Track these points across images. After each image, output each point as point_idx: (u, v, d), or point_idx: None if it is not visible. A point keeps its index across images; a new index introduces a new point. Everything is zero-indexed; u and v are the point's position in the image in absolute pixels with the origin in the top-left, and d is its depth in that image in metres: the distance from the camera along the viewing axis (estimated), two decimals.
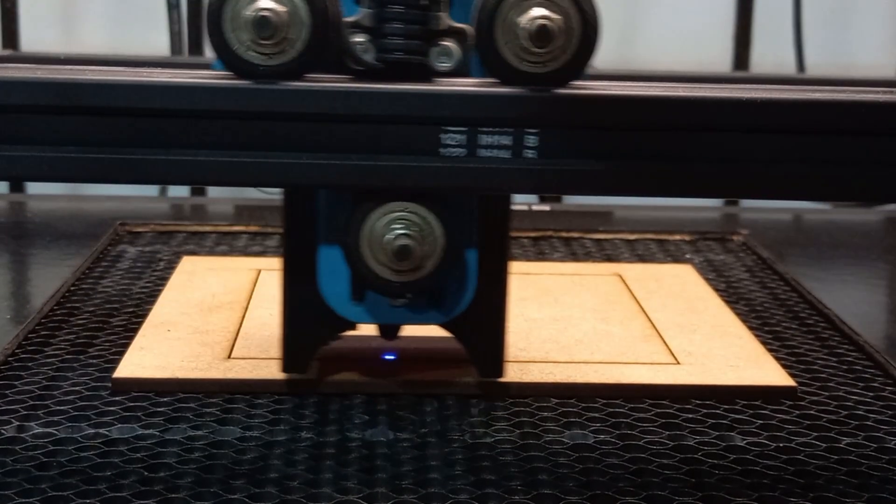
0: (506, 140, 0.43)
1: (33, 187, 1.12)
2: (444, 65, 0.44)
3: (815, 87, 0.46)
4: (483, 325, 0.51)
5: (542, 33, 0.42)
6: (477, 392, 0.52)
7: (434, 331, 0.52)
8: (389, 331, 0.52)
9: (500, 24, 0.43)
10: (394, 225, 0.46)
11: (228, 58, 0.43)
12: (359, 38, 0.44)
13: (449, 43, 0.44)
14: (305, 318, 0.51)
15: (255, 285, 0.65)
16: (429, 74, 0.44)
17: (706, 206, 1.10)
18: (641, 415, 0.50)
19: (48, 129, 0.42)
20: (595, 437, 0.48)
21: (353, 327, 0.51)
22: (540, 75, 0.43)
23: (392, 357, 0.54)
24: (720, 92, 0.44)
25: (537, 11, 0.42)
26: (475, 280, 0.50)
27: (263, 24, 0.42)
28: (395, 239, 0.46)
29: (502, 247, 0.50)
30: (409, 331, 0.52)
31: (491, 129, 0.43)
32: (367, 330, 0.53)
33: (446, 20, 0.44)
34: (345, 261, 0.47)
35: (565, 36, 0.42)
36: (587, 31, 0.43)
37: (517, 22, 0.43)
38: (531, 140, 0.43)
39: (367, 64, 0.44)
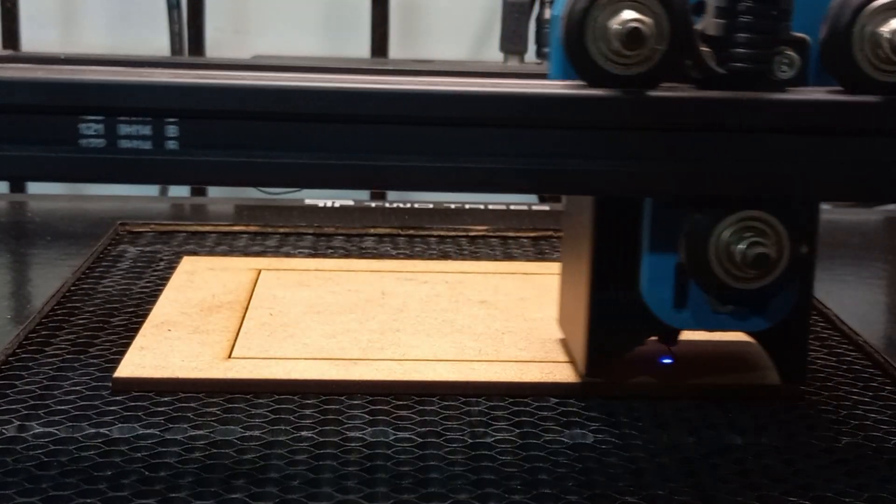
0: (145, 130, 0.43)
1: (34, 187, 1.12)
2: (785, 73, 0.45)
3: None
4: (793, 330, 0.51)
5: None
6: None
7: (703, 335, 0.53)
8: (670, 337, 0.52)
9: (857, 34, 0.44)
10: (745, 233, 0.46)
11: (588, 67, 0.43)
12: (703, 47, 0.44)
13: (790, 52, 0.45)
14: (620, 323, 0.51)
15: (255, 285, 0.65)
16: (770, 83, 0.45)
17: None
18: (640, 414, 0.50)
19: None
20: (594, 437, 0.48)
21: (661, 332, 0.52)
22: (891, 84, 0.44)
23: (669, 361, 0.54)
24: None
25: None
26: (797, 285, 0.49)
27: (635, 36, 0.43)
28: (747, 248, 0.46)
29: (812, 251, 0.49)
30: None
31: (130, 118, 0.42)
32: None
33: (788, 30, 0.45)
34: (674, 268, 0.49)
35: None
36: None
37: (879, 32, 0.43)
38: (171, 130, 0.43)
39: (712, 72, 0.44)
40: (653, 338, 0.52)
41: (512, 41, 1.11)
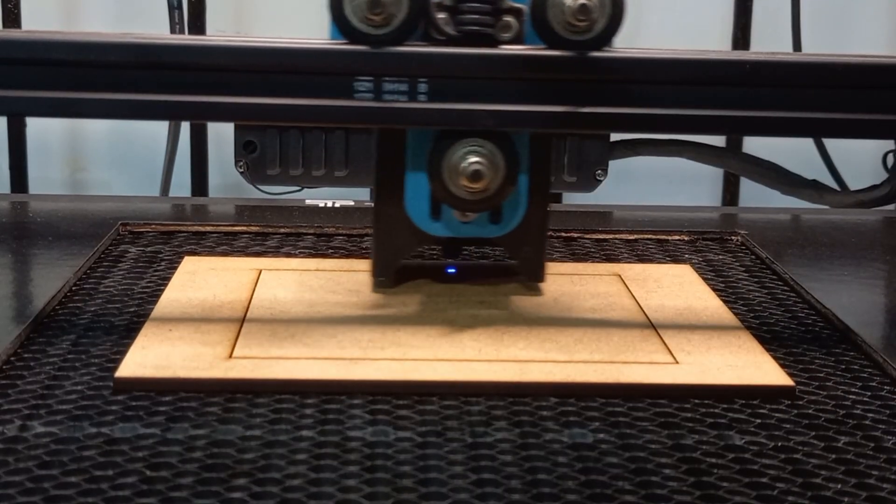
0: (403, 87, 0.55)
1: (35, 187, 1.12)
2: (506, 35, 0.56)
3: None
4: (528, 237, 0.62)
5: (583, 9, 0.54)
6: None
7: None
8: (453, 250, 0.66)
9: (550, 4, 0.55)
10: (468, 156, 0.57)
11: (344, 27, 0.55)
12: (441, 15, 0.55)
13: (509, 19, 0.56)
14: (397, 232, 0.62)
15: (256, 285, 0.65)
16: (494, 43, 0.56)
17: (705, 207, 1.11)
18: (640, 414, 0.51)
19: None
20: (594, 437, 0.48)
21: (430, 241, 0.63)
22: (580, 42, 0.55)
23: (453, 271, 0.68)
24: None
25: None
26: (526, 200, 0.61)
27: (374, 3, 0.54)
28: (468, 165, 0.57)
29: (545, 172, 0.62)
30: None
31: (392, 77, 0.55)
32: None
33: (507, 1, 0.56)
34: (427, 185, 0.59)
35: (600, 11, 0.54)
36: (617, 8, 0.55)
37: (564, 2, 0.54)
38: (422, 87, 0.55)
39: (448, 34, 0.55)
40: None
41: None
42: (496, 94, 0.55)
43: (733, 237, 0.81)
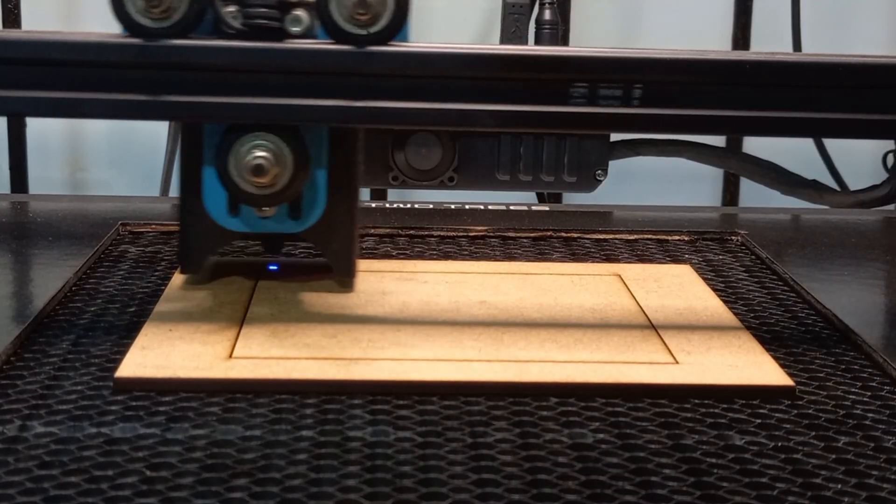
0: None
1: (35, 187, 1.12)
2: (296, 29, 0.55)
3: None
4: (335, 232, 0.62)
5: (361, 3, 0.54)
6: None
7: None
8: (273, 246, 0.65)
9: None
10: (254, 150, 0.57)
11: (126, 20, 0.54)
12: (229, 8, 0.55)
13: (299, 12, 0.55)
14: (201, 227, 0.61)
15: (255, 285, 0.65)
16: (284, 37, 0.55)
17: (705, 207, 1.11)
18: (640, 414, 0.51)
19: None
20: (594, 437, 0.48)
21: (235, 237, 0.63)
22: (363, 36, 0.55)
23: (275, 268, 0.67)
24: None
25: None
26: (325, 194, 0.61)
27: None
28: (252, 159, 0.57)
29: (349, 167, 0.62)
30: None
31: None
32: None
33: None
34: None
35: (382, 6, 0.54)
36: (401, 2, 0.54)
37: None
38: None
39: (235, 28, 0.54)
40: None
41: (512, 42, 1.11)
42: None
43: (733, 237, 0.81)
